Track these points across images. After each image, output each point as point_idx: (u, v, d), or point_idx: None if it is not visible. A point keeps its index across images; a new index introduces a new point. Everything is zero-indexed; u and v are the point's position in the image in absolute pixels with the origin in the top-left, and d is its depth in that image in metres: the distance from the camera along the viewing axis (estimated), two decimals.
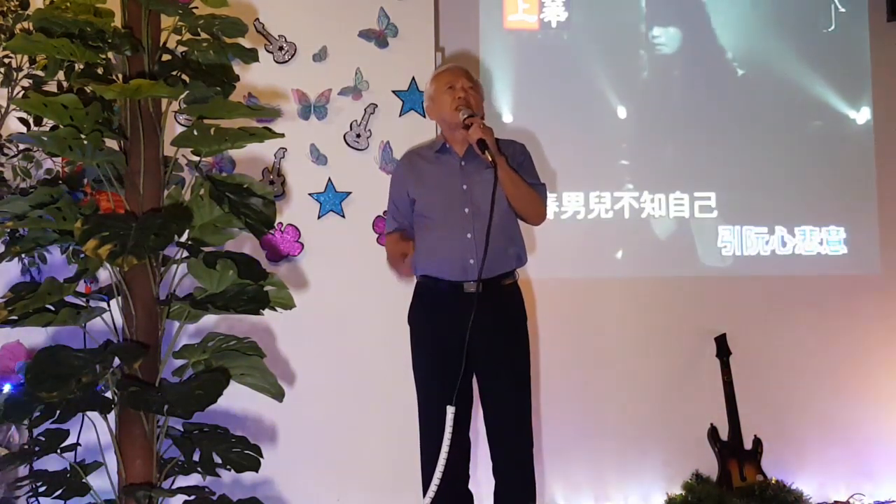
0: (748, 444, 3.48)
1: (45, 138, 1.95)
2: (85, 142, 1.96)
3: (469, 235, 2.60)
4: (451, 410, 2.37)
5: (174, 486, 2.18)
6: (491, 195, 2.46)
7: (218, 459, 2.14)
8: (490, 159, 2.48)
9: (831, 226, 3.75)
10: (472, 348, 2.49)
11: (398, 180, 2.80)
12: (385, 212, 3.11)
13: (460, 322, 2.49)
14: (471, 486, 2.69)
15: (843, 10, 3.82)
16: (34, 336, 2.71)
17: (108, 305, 2.16)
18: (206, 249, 2.12)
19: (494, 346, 2.58)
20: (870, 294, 3.72)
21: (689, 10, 3.75)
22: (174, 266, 2.17)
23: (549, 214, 2.83)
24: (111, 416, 2.09)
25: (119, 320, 2.14)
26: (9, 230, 2.24)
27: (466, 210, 2.62)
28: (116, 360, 1.98)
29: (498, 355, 2.59)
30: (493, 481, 2.64)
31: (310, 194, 3.16)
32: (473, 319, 2.44)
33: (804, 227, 3.73)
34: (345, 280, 3.14)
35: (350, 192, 3.18)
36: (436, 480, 2.37)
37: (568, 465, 3.44)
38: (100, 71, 2.16)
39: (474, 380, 2.64)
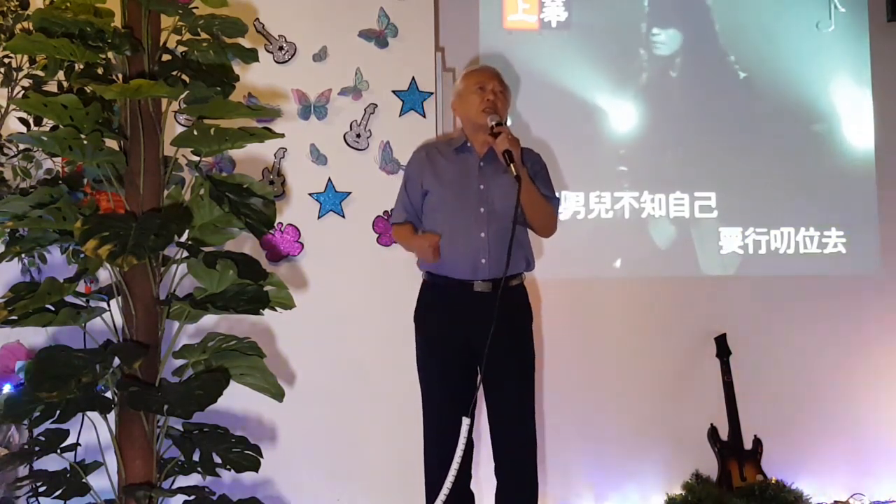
0: (748, 444, 3.48)
1: (45, 138, 1.95)
2: (85, 142, 1.96)
3: (483, 235, 2.59)
4: (466, 422, 2.33)
5: (174, 486, 2.18)
6: (510, 202, 2.44)
7: (218, 459, 2.14)
8: (515, 173, 2.46)
9: (831, 226, 3.74)
10: (478, 348, 2.48)
11: (413, 171, 2.77)
12: (385, 212, 3.12)
13: (468, 321, 2.49)
14: (472, 486, 2.69)
15: (843, 10, 3.82)
16: (34, 336, 2.72)
17: (108, 305, 2.16)
18: (206, 249, 2.12)
19: (500, 347, 2.56)
20: (870, 294, 3.71)
21: (690, 10, 3.75)
22: (174, 266, 2.17)
23: None
24: (111, 416, 2.09)
25: (119, 320, 2.14)
26: (9, 230, 2.23)
27: (482, 210, 2.61)
28: (116, 360, 1.98)
29: (503, 356, 2.57)
30: (494, 481, 2.64)
31: (310, 194, 3.16)
32: (480, 319, 2.43)
33: (804, 227, 3.73)
34: (345, 280, 3.14)
35: (350, 192, 3.18)
36: (445, 490, 2.34)
37: (568, 465, 3.44)
38: (100, 71, 2.15)
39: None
